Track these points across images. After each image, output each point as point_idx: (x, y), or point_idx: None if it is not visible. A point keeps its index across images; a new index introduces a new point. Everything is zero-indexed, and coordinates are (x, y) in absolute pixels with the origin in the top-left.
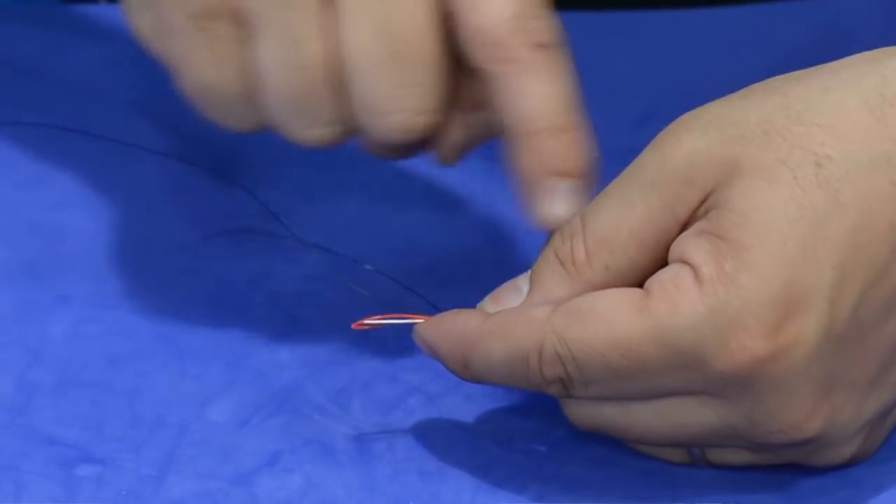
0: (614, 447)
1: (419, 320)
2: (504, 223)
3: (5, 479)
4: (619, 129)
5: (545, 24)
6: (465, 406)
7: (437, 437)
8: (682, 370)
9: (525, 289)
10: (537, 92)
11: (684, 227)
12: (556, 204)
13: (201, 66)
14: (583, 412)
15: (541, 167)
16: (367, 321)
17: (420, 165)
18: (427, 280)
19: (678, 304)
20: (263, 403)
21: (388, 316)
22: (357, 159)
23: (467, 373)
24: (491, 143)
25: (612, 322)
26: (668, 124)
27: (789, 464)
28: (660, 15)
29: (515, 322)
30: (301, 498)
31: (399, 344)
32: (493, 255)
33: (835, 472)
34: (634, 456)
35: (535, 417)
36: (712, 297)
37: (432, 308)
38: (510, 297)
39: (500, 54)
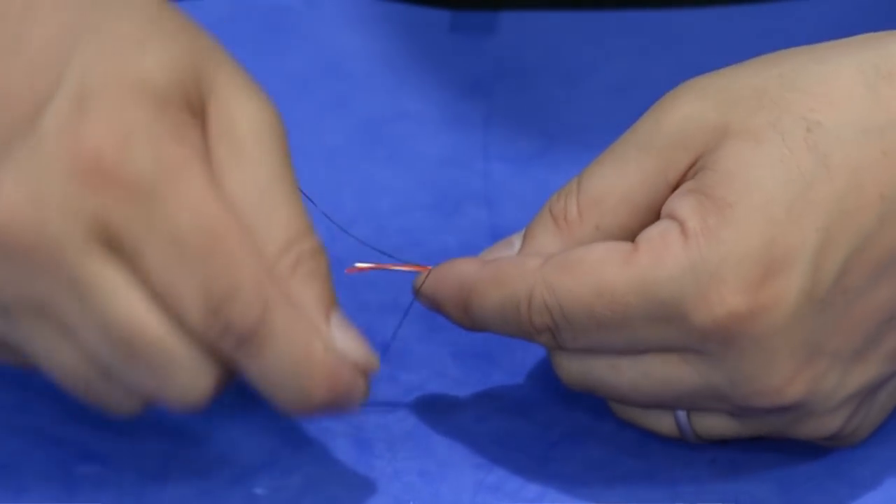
0: (614, 447)
1: (411, 268)
2: (504, 223)
3: (5, 478)
4: (619, 129)
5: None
6: (465, 406)
7: (437, 437)
8: (663, 323)
9: (518, 245)
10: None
11: (674, 191)
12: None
13: (39, 357)
14: (572, 368)
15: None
16: (359, 265)
17: (419, 166)
18: None
19: (662, 257)
20: (263, 402)
21: (383, 266)
22: (357, 159)
23: (468, 320)
24: (490, 142)
25: (598, 272)
26: None
27: (787, 463)
28: (660, 15)
29: (509, 270)
30: (301, 497)
31: (399, 343)
32: None
33: (834, 471)
34: (634, 456)
35: (534, 417)
36: (694, 250)
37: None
38: (503, 252)
39: None
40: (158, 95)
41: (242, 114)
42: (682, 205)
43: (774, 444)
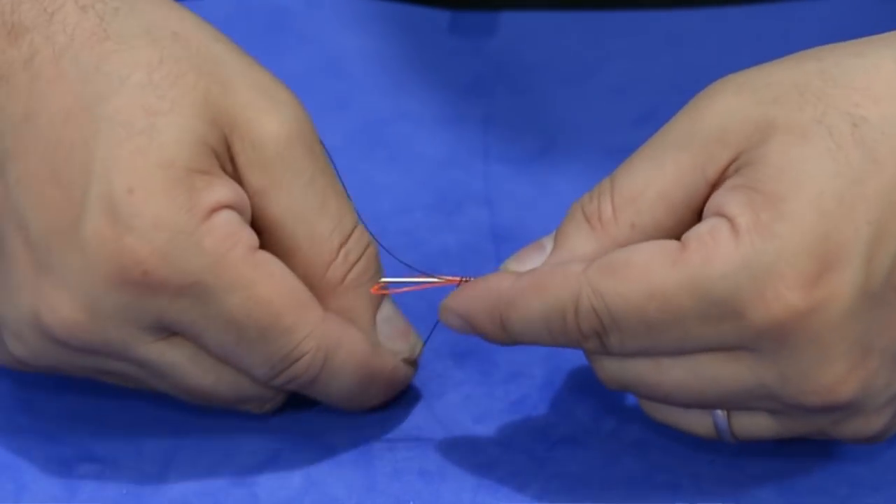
0: (614, 447)
1: (437, 280)
2: (504, 223)
3: (5, 478)
4: (619, 129)
5: None
6: (465, 405)
7: (437, 437)
8: (717, 322)
9: (549, 248)
10: None
11: (713, 187)
12: None
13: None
14: (612, 368)
15: None
16: (385, 280)
17: (419, 167)
18: None
19: (713, 255)
20: None
21: (412, 280)
22: (357, 160)
23: (505, 334)
24: (490, 143)
25: (647, 274)
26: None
27: (787, 463)
28: (660, 15)
29: (551, 277)
30: (301, 497)
31: None
32: (493, 254)
33: (834, 471)
34: (634, 456)
35: (534, 418)
36: (748, 246)
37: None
38: (534, 256)
39: None
40: (183, 173)
41: (265, 134)
42: (729, 201)
43: (775, 444)
